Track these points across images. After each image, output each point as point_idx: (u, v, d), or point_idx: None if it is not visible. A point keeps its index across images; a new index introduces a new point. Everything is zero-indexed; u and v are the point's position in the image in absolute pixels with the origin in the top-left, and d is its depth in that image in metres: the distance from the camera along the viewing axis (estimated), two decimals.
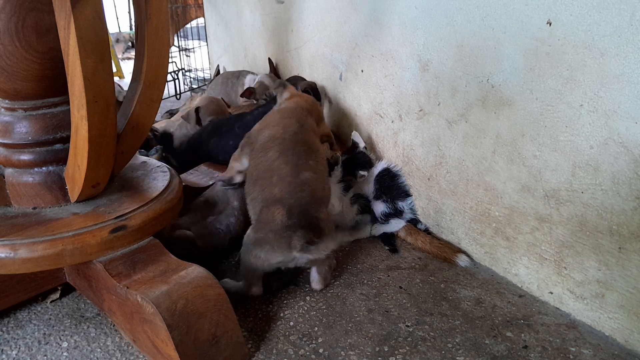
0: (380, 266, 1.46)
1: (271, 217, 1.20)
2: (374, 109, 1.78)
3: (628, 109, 1.01)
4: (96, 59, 0.90)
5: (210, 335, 1.01)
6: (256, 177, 1.32)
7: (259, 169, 1.32)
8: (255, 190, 1.29)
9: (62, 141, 1.08)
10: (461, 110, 1.40)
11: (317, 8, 2.03)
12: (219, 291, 1.04)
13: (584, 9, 1.04)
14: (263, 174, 1.30)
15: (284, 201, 1.21)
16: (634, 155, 1.02)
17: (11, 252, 0.96)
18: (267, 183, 1.27)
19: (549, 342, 1.14)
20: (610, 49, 1.01)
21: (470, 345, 1.13)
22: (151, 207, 1.11)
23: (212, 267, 1.15)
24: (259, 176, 1.31)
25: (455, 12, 1.35)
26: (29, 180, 1.08)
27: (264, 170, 1.30)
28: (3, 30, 0.93)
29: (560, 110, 1.13)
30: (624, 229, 1.07)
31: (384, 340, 1.15)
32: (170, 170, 1.30)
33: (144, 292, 0.98)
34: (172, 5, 3.76)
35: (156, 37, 1.06)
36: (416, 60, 1.52)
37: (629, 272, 1.08)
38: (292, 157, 1.29)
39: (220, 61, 3.28)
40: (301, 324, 1.20)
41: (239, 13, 2.84)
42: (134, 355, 1.10)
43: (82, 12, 0.84)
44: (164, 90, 1.16)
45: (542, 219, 1.24)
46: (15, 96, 1.04)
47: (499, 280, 1.38)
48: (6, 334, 1.16)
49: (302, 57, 2.26)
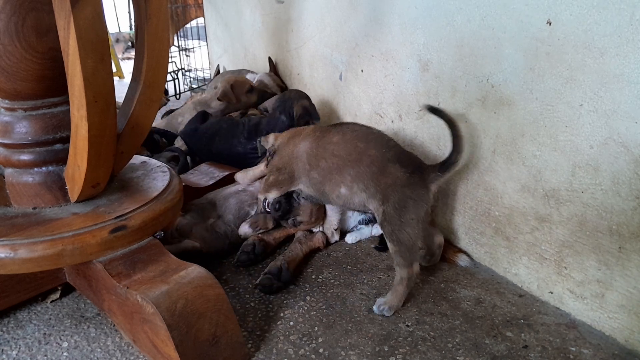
0: (380, 266, 1.46)
1: (392, 177, 1.23)
2: (374, 108, 1.78)
3: (628, 109, 1.00)
4: (96, 59, 0.90)
5: (210, 335, 1.01)
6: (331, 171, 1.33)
7: (329, 168, 1.33)
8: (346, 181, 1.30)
9: (62, 141, 1.08)
10: (461, 110, 1.40)
11: (317, 8, 2.03)
12: (219, 291, 1.04)
13: (584, 9, 1.03)
14: (341, 166, 1.31)
15: (392, 158, 1.26)
16: (634, 155, 1.02)
17: (11, 252, 0.96)
18: (358, 165, 1.28)
19: (549, 342, 1.14)
20: (610, 49, 1.01)
21: (470, 345, 1.13)
22: (151, 207, 1.11)
23: (213, 267, 1.15)
24: (337, 168, 1.31)
25: (455, 12, 1.35)
26: (29, 180, 1.08)
27: (339, 164, 1.31)
28: (3, 30, 0.93)
29: (560, 110, 1.13)
30: (624, 228, 1.07)
31: (384, 340, 1.15)
32: (170, 170, 1.30)
33: (144, 292, 0.98)
34: (172, 5, 3.76)
35: (156, 37, 1.06)
36: (416, 60, 1.52)
37: (629, 272, 1.08)
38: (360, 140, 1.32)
39: (220, 61, 3.28)
40: (301, 323, 1.20)
41: (239, 13, 2.84)
42: (134, 356, 1.10)
43: (82, 12, 0.84)
44: (163, 90, 1.16)
45: (542, 219, 1.24)
46: (15, 96, 1.04)
47: (499, 280, 1.38)
48: (6, 334, 1.16)
49: (302, 57, 2.26)
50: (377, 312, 1.23)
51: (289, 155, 1.41)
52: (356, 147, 1.30)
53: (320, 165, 1.34)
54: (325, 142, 1.35)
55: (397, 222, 1.22)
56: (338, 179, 1.31)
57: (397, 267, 1.25)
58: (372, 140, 1.32)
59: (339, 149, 1.32)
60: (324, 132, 1.38)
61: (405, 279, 1.23)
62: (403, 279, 1.23)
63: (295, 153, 1.39)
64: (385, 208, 1.24)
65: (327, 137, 1.36)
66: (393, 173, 1.24)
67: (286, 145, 1.43)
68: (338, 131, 1.36)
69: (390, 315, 1.23)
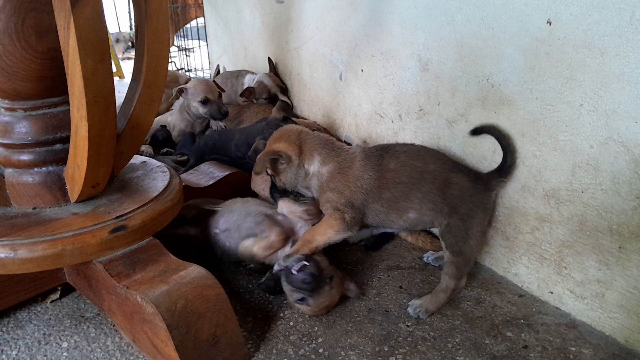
0: (381, 266, 1.46)
1: (457, 187, 1.21)
2: (374, 108, 1.78)
3: (628, 109, 1.00)
4: (96, 59, 0.90)
5: (210, 335, 1.01)
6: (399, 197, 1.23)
7: (395, 193, 1.23)
8: (416, 203, 1.23)
9: (61, 141, 1.08)
10: (461, 110, 1.40)
11: (317, 8, 2.03)
12: (219, 291, 1.04)
13: (584, 9, 1.03)
14: (406, 191, 1.23)
15: (451, 168, 1.24)
16: (634, 154, 1.01)
17: (11, 252, 0.96)
18: (422, 184, 1.22)
19: (549, 342, 1.14)
20: (610, 49, 1.01)
21: (470, 345, 1.13)
22: (151, 207, 1.11)
23: (213, 267, 1.14)
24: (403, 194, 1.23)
25: (455, 12, 1.35)
26: (29, 181, 1.08)
27: (404, 190, 1.23)
28: (3, 30, 0.93)
29: (560, 109, 1.13)
30: (624, 228, 1.07)
31: (384, 340, 1.15)
32: (170, 170, 1.30)
33: (143, 292, 0.97)
34: (172, 5, 3.76)
35: (156, 37, 1.06)
36: (416, 60, 1.52)
37: (629, 272, 1.08)
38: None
39: (220, 61, 3.28)
40: (301, 324, 1.20)
41: (238, 13, 2.84)
42: (133, 356, 1.10)
43: (82, 12, 0.84)
44: (163, 90, 1.16)
45: (542, 219, 1.24)
46: (15, 96, 1.04)
47: (499, 280, 1.38)
48: (6, 334, 1.16)
49: (302, 57, 2.26)
50: (412, 315, 1.22)
51: (351, 190, 1.23)
52: (414, 167, 1.23)
53: (383, 197, 1.23)
54: (383, 171, 1.24)
55: (463, 234, 1.20)
56: (405, 205, 1.23)
57: (446, 275, 1.23)
58: (426, 155, 1.27)
59: (399, 175, 1.23)
60: (378, 159, 1.26)
61: (451, 289, 1.22)
62: (449, 288, 1.22)
63: (360, 184, 1.23)
64: (452, 220, 1.21)
65: (384, 165, 1.25)
66: (458, 183, 1.21)
67: (341, 176, 1.25)
68: (391, 156, 1.26)
69: (391, 315, 1.23)
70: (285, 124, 1.56)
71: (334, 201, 1.23)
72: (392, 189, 1.22)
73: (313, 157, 1.27)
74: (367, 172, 1.24)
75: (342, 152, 1.29)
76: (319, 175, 1.26)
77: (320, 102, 2.17)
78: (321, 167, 1.26)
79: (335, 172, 1.25)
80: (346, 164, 1.26)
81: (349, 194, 1.22)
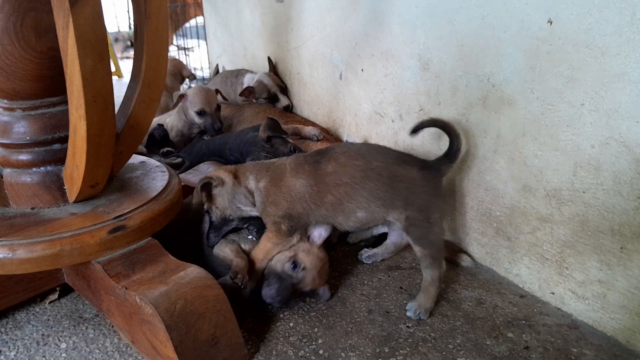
0: (381, 266, 1.46)
1: (406, 180, 1.21)
2: (374, 108, 1.78)
3: (629, 108, 1.00)
4: (95, 58, 0.89)
5: (209, 336, 1.00)
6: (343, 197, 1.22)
7: (338, 196, 1.22)
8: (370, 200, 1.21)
9: (60, 141, 1.07)
10: (462, 110, 1.39)
11: (317, 7, 2.03)
12: (218, 292, 1.04)
13: (585, 8, 1.03)
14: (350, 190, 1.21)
15: (396, 161, 1.24)
16: (635, 154, 1.01)
17: (9, 252, 0.95)
18: (367, 182, 1.20)
19: (550, 343, 1.13)
20: (611, 48, 1.00)
21: (472, 346, 1.13)
22: (150, 207, 1.11)
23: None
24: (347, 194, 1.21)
25: (455, 11, 1.34)
26: (27, 181, 1.07)
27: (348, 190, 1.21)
28: (2, 30, 0.93)
29: (561, 109, 1.13)
30: (625, 228, 1.06)
31: (384, 341, 1.14)
32: (169, 170, 1.30)
33: (142, 293, 0.97)
34: (171, 5, 3.75)
35: (155, 37, 1.06)
36: (416, 59, 1.52)
37: (630, 272, 1.07)
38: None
39: (220, 60, 3.27)
40: (301, 324, 1.20)
41: (238, 12, 2.84)
42: (132, 357, 1.09)
43: (81, 12, 0.84)
44: (163, 90, 1.15)
45: (543, 219, 1.23)
46: (13, 96, 1.04)
47: (500, 281, 1.38)
48: (4, 335, 1.16)
49: (301, 57, 2.25)
50: (413, 318, 1.21)
51: (287, 200, 1.23)
52: (356, 166, 1.21)
53: (326, 201, 1.22)
54: (321, 175, 1.23)
55: (426, 224, 1.20)
56: (351, 205, 1.21)
57: (426, 269, 1.22)
58: (368, 152, 1.26)
59: (340, 177, 1.21)
60: (313, 165, 1.25)
61: (436, 279, 1.22)
62: (434, 280, 1.22)
63: (294, 194, 1.23)
64: (409, 213, 1.20)
65: (321, 170, 1.23)
66: (406, 175, 1.21)
67: (275, 189, 1.25)
68: (328, 160, 1.24)
69: (391, 316, 1.22)
70: (269, 145, 1.56)
71: (272, 214, 1.24)
72: (334, 191, 1.21)
73: (247, 177, 1.29)
74: (300, 180, 1.23)
75: (272, 165, 1.30)
76: (258, 191, 1.27)
77: (320, 102, 2.17)
78: (257, 184, 1.27)
79: (269, 185, 1.26)
80: (277, 176, 1.26)
81: (286, 205, 1.23)
